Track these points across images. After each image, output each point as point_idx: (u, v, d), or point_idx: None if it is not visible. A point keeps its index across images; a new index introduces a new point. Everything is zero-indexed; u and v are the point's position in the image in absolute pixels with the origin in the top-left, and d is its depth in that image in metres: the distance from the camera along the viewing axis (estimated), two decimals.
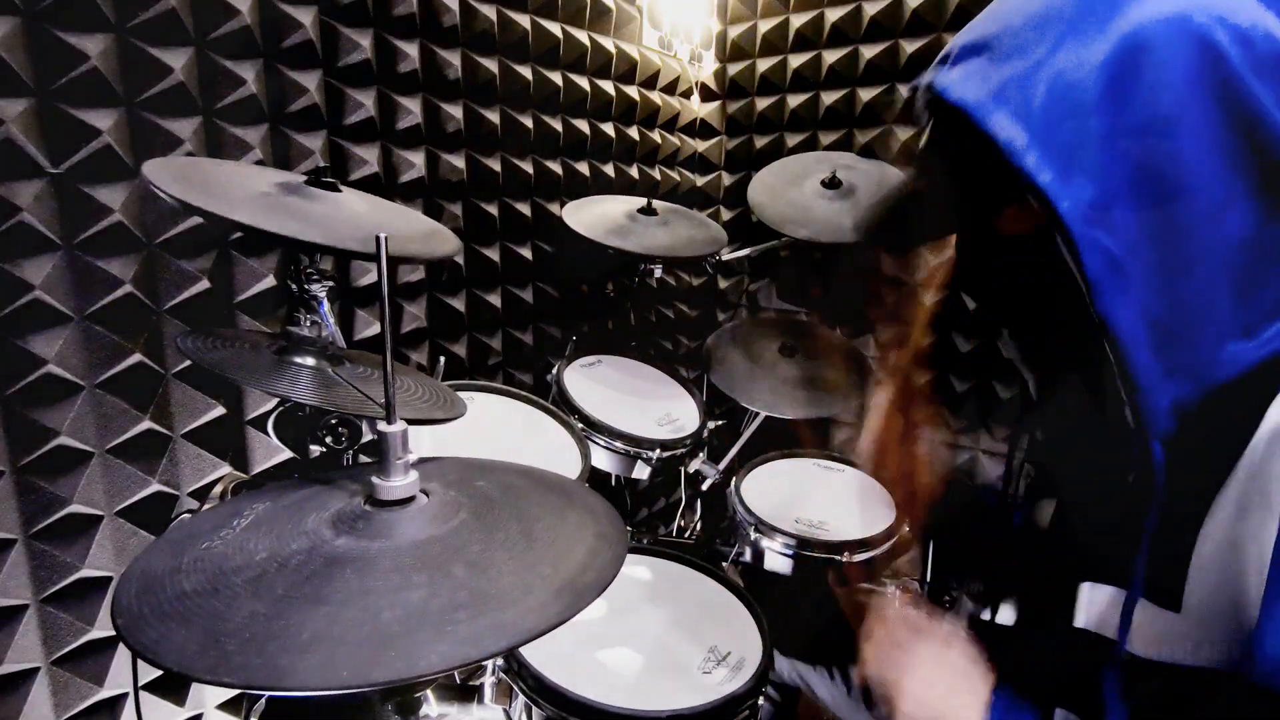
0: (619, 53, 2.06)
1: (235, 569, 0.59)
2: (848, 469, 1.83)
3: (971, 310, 1.99)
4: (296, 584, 0.57)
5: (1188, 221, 0.59)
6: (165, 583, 0.58)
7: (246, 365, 0.89)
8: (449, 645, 0.50)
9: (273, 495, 0.74)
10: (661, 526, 2.33)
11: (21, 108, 1.00)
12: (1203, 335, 0.62)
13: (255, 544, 0.63)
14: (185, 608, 0.55)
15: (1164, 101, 0.57)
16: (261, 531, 0.65)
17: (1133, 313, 0.60)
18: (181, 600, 0.56)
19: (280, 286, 1.34)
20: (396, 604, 0.54)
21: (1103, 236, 0.59)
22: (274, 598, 0.55)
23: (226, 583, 0.57)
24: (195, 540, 0.64)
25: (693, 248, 1.75)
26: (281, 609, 0.54)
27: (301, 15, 1.31)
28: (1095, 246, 0.59)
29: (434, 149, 1.63)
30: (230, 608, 0.54)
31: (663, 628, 1.15)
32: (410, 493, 0.67)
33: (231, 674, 0.48)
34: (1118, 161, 0.59)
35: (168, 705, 1.31)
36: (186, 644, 0.51)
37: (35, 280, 1.05)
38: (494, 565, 0.61)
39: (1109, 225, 0.59)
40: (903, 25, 2.05)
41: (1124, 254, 0.59)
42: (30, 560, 1.12)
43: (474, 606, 0.55)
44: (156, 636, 0.52)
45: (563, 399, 1.59)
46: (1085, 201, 0.59)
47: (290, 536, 0.63)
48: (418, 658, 0.49)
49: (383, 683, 0.48)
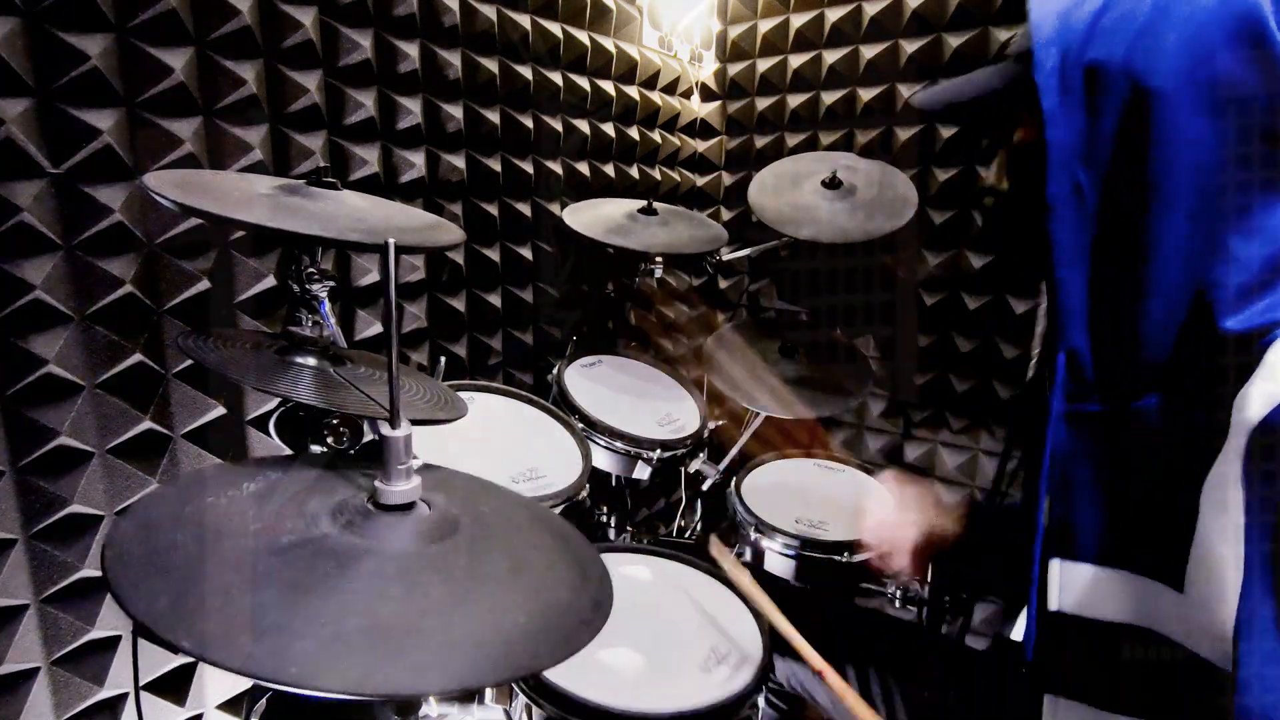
0: (619, 53, 2.06)
1: (227, 533, 0.58)
2: (848, 469, 1.83)
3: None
4: (277, 565, 0.56)
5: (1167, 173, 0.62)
6: (161, 528, 0.57)
7: (247, 365, 0.89)
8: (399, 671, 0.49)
9: (288, 469, 0.73)
10: (661, 526, 2.33)
11: (21, 108, 1.00)
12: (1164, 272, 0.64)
13: (254, 513, 0.62)
14: (169, 560, 0.54)
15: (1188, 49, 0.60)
16: (264, 502, 0.64)
17: (1079, 238, 0.66)
18: (168, 551, 0.55)
19: (280, 286, 1.34)
20: (366, 612, 0.53)
21: (1077, 168, 0.64)
22: (251, 572, 0.54)
23: (214, 546, 0.56)
24: (203, 491, 0.64)
25: (693, 247, 1.75)
26: (254, 586, 0.53)
27: (301, 15, 1.31)
28: (1066, 174, 0.65)
29: (434, 149, 1.63)
30: (208, 572, 0.53)
31: (663, 628, 1.15)
32: (409, 499, 0.66)
33: (189, 639, 0.47)
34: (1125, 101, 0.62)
35: (168, 705, 1.31)
36: (157, 598, 0.50)
37: (35, 280, 1.05)
38: (470, 597, 0.59)
39: (1089, 159, 0.64)
40: (903, 25, 2.05)
41: (1091, 187, 0.64)
42: (30, 560, 1.12)
43: (438, 635, 0.53)
44: (134, 581, 0.51)
45: (563, 399, 1.59)
46: (1076, 134, 0.64)
47: (287, 514, 0.63)
48: (367, 677, 0.48)
49: (329, 690, 0.46)
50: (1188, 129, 0.60)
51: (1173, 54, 0.60)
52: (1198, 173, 0.61)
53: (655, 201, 1.78)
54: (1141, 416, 0.67)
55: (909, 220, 1.69)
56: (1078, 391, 0.71)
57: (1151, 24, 0.61)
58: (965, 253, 2.08)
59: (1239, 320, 0.61)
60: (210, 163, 1.23)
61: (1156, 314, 0.65)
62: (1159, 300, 0.64)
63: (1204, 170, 0.61)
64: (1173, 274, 0.63)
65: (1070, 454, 0.74)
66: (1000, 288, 2.04)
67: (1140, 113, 0.61)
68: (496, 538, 0.70)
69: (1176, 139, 0.61)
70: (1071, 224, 0.66)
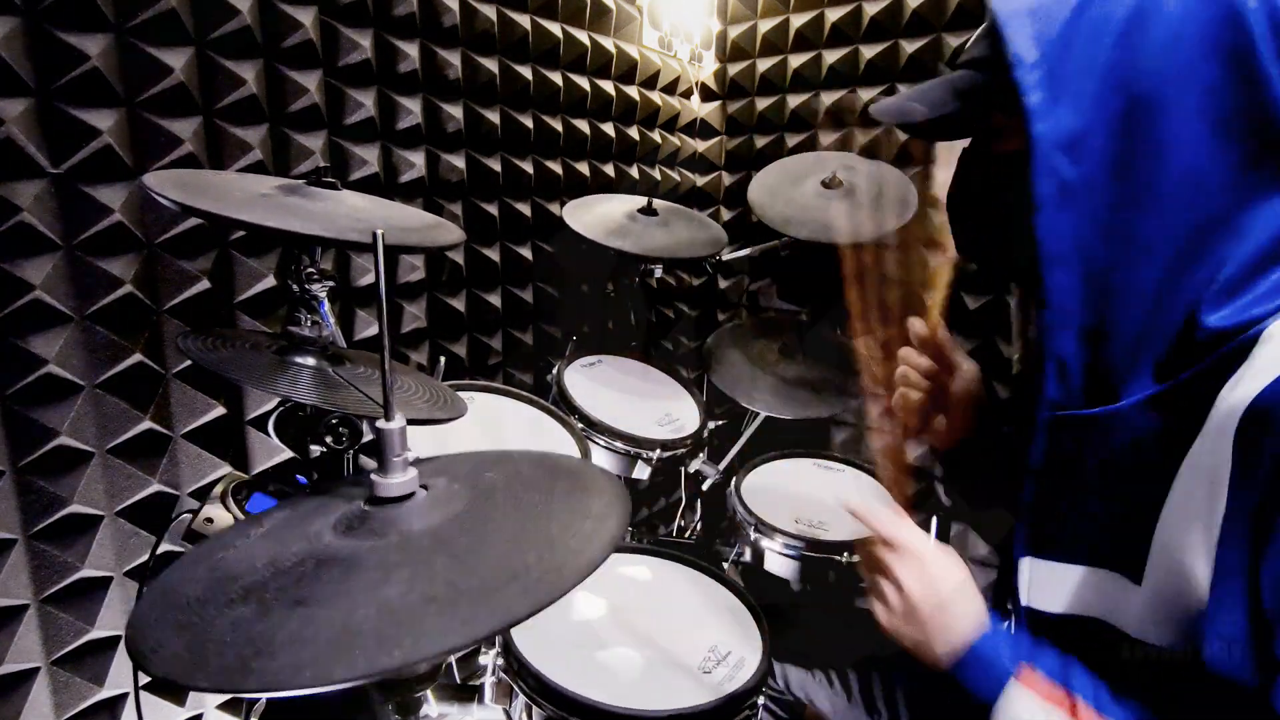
0: (619, 53, 2.06)
1: (236, 576, 0.59)
2: (848, 469, 1.83)
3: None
4: (285, 587, 0.57)
5: (1155, 170, 0.62)
6: (177, 591, 0.59)
7: (246, 365, 0.89)
8: (412, 641, 0.49)
9: (290, 504, 0.75)
10: (661, 526, 2.33)
11: (21, 108, 1.00)
12: (1143, 273, 0.64)
13: (261, 551, 0.63)
14: (183, 616, 0.55)
15: (1172, 51, 0.59)
16: (270, 539, 0.66)
17: (1065, 238, 0.65)
18: (183, 609, 0.56)
19: (280, 286, 1.34)
20: (372, 601, 0.54)
21: (1064, 164, 0.63)
22: (261, 602, 0.55)
23: (224, 589, 0.58)
24: (214, 549, 0.65)
25: (693, 248, 1.75)
26: (264, 613, 0.54)
27: (301, 15, 1.31)
28: (1053, 171, 0.63)
29: (434, 149, 1.63)
30: (221, 614, 0.55)
31: (663, 628, 1.15)
32: (408, 490, 0.67)
33: (208, 679, 0.48)
34: (1111, 96, 0.61)
35: (168, 705, 1.31)
36: (176, 650, 0.51)
37: (35, 280, 1.05)
38: (478, 556, 0.60)
39: (1076, 155, 0.63)
40: (903, 25, 2.05)
41: (1079, 184, 0.63)
42: (30, 560, 1.12)
43: (445, 601, 0.54)
44: (153, 643, 0.53)
45: (563, 399, 1.59)
46: (1062, 129, 0.62)
47: (292, 541, 0.64)
48: (379, 656, 0.48)
49: (343, 681, 0.47)
50: (1180, 130, 0.60)
51: (1159, 54, 0.60)
52: (1187, 173, 0.61)
53: (655, 201, 1.78)
54: (1123, 416, 0.67)
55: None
56: (1065, 396, 0.71)
57: (1138, 20, 0.61)
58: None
59: (1220, 317, 0.61)
60: (210, 163, 1.23)
61: (1141, 313, 0.65)
62: (1143, 299, 0.65)
63: (1193, 171, 0.61)
64: (1158, 272, 0.64)
65: (1051, 457, 0.74)
66: (1000, 288, 2.04)
67: (1130, 110, 0.61)
68: (503, 496, 0.70)
69: (1167, 139, 0.61)
70: (1060, 223, 0.64)
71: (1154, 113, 0.60)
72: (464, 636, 0.50)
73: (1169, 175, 0.61)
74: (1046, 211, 0.64)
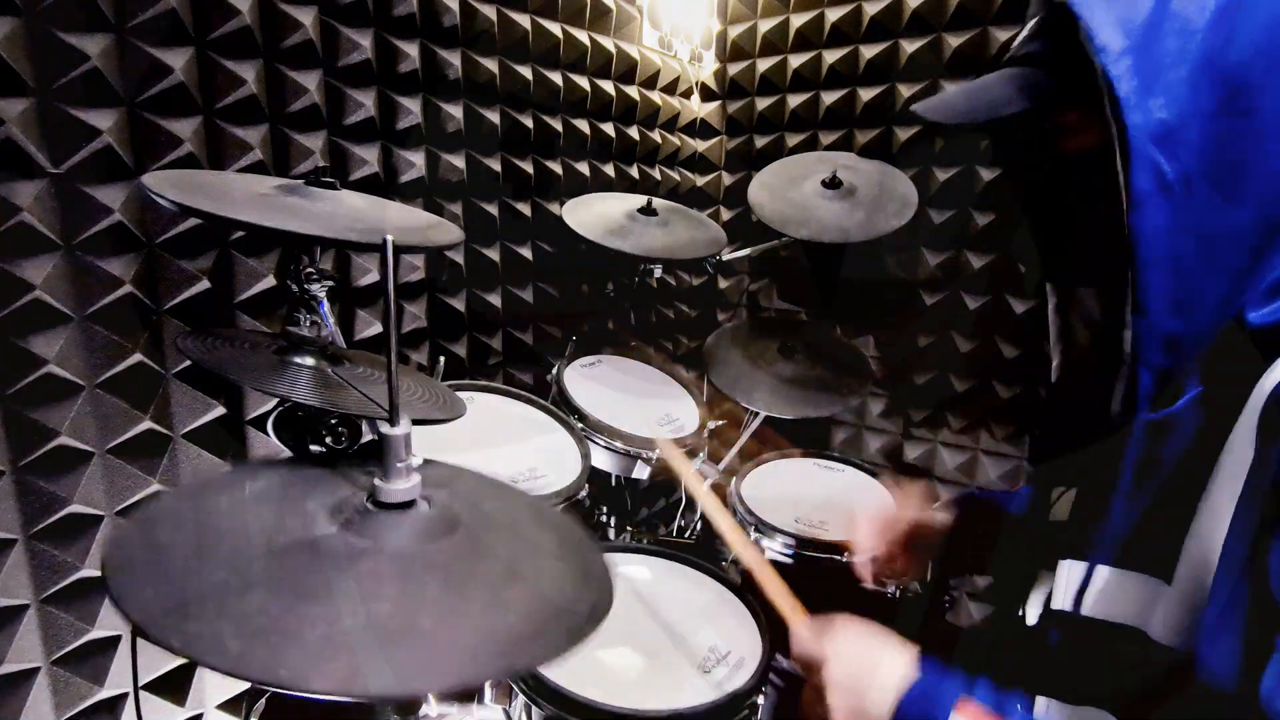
0: (619, 53, 2.06)
1: (227, 533, 0.58)
2: (848, 469, 1.83)
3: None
4: (273, 565, 0.56)
5: (1251, 164, 0.59)
6: (162, 530, 0.57)
7: (246, 365, 0.89)
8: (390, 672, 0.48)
9: (290, 470, 0.74)
10: (661, 526, 2.33)
11: (21, 108, 1.00)
12: (1219, 278, 0.62)
13: (254, 513, 0.62)
14: (167, 562, 0.54)
15: (1275, 34, 0.57)
16: (264, 503, 0.64)
17: (1162, 237, 0.60)
18: (168, 553, 0.55)
19: (280, 286, 1.34)
20: (361, 611, 0.52)
21: (1161, 158, 0.59)
22: (247, 574, 0.54)
23: (213, 548, 0.56)
24: (205, 494, 0.64)
25: (693, 248, 1.75)
26: (250, 586, 0.52)
27: (301, 15, 1.31)
28: (1149, 165, 0.59)
29: (434, 149, 1.63)
30: (206, 572, 0.53)
31: (663, 627, 1.15)
32: (408, 498, 0.66)
33: (180, 640, 0.47)
34: (1207, 88, 0.58)
35: (168, 705, 1.31)
36: (153, 599, 0.50)
37: (35, 280, 1.05)
38: (463, 597, 0.59)
39: (1171, 148, 0.59)
40: (903, 25, 2.05)
41: (1176, 178, 0.59)
42: (30, 560, 1.12)
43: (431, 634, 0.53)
44: (132, 583, 0.51)
45: (563, 399, 1.59)
46: (1156, 120, 0.58)
47: (287, 513, 0.62)
48: (357, 677, 0.47)
49: (317, 692, 0.46)
50: (1274, 133, 0.58)
51: (1259, 37, 0.57)
52: (1270, 177, 0.59)
53: (655, 200, 1.78)
54: (1176, 416, 0.66)
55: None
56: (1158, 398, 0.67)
57: (1234, 8, 0.58)
58: (965, 253, 2.08)
59: (1262, 314, 0.61)
60: (210, 163, 1.23)
61: (1207, 318, 0.63)
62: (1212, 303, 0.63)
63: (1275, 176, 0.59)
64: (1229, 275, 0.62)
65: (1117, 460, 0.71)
66: (1000, 288, 2.04)
67: (1227, 100, 0.58)
68: (498, 536, 0.69)
69: (1266, 131, 0.58)
70: (1157, 223, 0.60)
71: (1252, 103, 0.58)
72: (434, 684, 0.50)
73: (1259, 172, 0.59)
74: (1144, 210, 0.60)
